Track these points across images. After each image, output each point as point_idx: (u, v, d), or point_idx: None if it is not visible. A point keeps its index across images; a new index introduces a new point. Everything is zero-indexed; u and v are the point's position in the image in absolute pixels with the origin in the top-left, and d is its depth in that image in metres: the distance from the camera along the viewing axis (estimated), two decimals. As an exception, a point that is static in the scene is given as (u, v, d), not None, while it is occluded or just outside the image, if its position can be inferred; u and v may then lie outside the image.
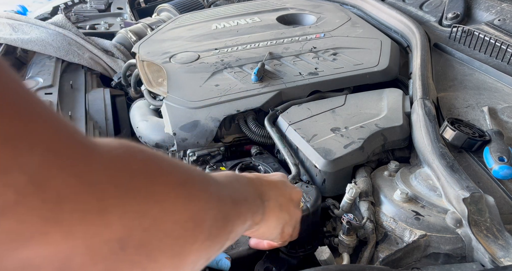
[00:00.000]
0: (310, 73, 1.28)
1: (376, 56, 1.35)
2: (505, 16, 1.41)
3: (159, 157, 0.34)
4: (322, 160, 0.95)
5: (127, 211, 0.27)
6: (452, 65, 1.33)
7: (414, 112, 1.08)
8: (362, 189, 0.90)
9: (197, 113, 1.15)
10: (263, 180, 0.59)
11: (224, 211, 0.39)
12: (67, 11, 2.19)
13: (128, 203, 0.27)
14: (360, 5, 1.78)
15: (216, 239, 0.37)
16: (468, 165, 0.94)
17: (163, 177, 0.32)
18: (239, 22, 1.67)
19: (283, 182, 0.65)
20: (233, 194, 0.44)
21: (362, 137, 1.00)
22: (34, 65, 1.70)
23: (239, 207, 0.45)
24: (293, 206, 0.65)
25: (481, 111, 1.09)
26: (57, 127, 0.25)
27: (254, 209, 0.51)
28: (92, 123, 1.45)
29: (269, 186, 0.59)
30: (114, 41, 1.86)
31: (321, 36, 1.51)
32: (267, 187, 0.58)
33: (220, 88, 1.23)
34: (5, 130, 0.21)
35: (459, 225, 0.79)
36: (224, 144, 1.19)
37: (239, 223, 0.44)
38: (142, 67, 1.40)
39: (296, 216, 0.67)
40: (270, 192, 0.58)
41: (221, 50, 1.44)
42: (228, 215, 0.40)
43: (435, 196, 0.87)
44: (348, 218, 0.82)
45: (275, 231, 0.62)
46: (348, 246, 0.83)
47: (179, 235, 0.32)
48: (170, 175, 0.33)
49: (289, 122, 1.08)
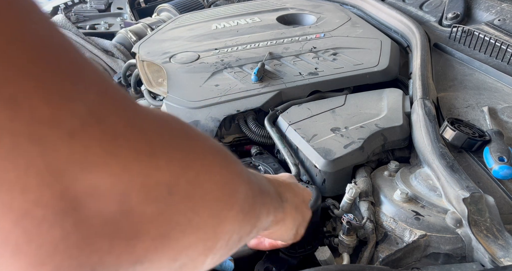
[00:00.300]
0: (310, 73, 1.28)
1: (376, 56, 1.35)
2: (505, 16, 1.41)
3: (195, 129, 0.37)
4: (322, 160, 0.95)
5: (173, 159, 0.30)
6: (452, 65, 1.33)
7: (414, 112, 1.08)
8: (362, 189, 0.91)
9: (197, 113, 1.15)
10: (280, 181, 0.60)
11: (253, 192, 0.41)
12: (67, 11, 2.19)
13: (173, 152, 0.30)
14: (360, 5, 1.78)
15: (247, 216, 0.39)
16: (468, 165, 0.94)
17: (200, 141, 0.35)
18: (239, 22, 1.67)
19: (295, 183, 0.66)
20: (259, 183, 0.45)
21: (362, 137, 1.00)
22: (34, 65, 1.70)
23: (265, 197, 0.46)
24: (306, 207, 0.66)
25: (481, 111, 1.09)
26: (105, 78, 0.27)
27: (276, 205, 0.52)
28: (92, 123, 1.45)
29: (285, 187, 0.60)
30: (114, 41, 1.86)
31: (321, 36, 1.51)
32: (284, 187, 0.59)
33: (220, 88, 1.23)
34: (65, 68, 0.24)
35: (459, 225, 0.79)
36: (224, 144, 1.19)
37: (265, 212, 0.46)
38: (142, 67, 1.40)
39: (308, 217, 0.68)
40: (287, 193, 0.59)
41: (221, 50, 1.44)
42: (256, 197, 0.42)
43: (435, 196, 0.87)
44: (348, 218, 0.82)
45: (291, 232, 0.63)
46: (348, 246, 0.83)
47: (217, 197, 0.34)
48: (206, 141, 0.36)
49: (289, 122, 1.08)
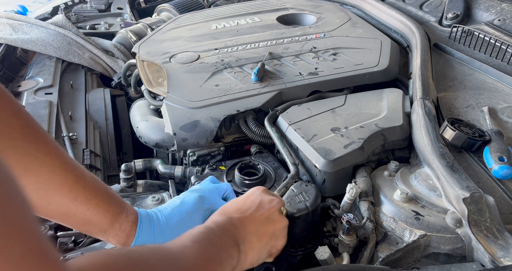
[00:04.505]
0: (310, 73, 1.28)
1: (376, 56, 1.35)
2: (505, 16, 1.41)
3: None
4: (322, 160, 0.95)
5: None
6: (452, 65, 1.33)
7: (414, 112, 1.08)
8: (362, 189, 0.90)
9: (197, 113, 1.15)
10: (236, 221, 0.65)
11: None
12: (67, 11, 2.19)
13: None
14: (360, 5, 1.78)
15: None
16: (468, 165, 0.94)
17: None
18: (239, 22, 1.67)
19: (258, 204, 0.69)
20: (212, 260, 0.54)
21: (362, 137, 1.00)
22: (34, 65, 1.70)
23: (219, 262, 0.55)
24: (275, 219, 0.70)
25: (481, 111, 1.09)
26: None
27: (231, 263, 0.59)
28: (92, 123, 1.45)
29: (244, 223, 0.65)
30: (114, 41, 1.86)
31: (321, 36, 1.51)
32: (241, 226, 0.64)
33: (220, 88, 1.23)
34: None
35: (459, 225, 0.79)
36: (224, 144, 1.19)
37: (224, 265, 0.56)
38: (142, 67, 1.40)
39: (281, 225, 0.70)
40: (245, 229, 0.64)
41: (221, 50, 1.44)
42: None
43: (435, 196, 0.87)
44: (348, 218, 0.82)
45: (261, 256, 0.68)
46: (348, 246, 0.83)
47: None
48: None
49: (289, 122, 1.08)
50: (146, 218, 0.75)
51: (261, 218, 0.68)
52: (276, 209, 0.72)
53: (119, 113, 1.66)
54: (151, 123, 1.24)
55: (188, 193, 0.85)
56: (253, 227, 0.65)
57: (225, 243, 0.59)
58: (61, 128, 1.33)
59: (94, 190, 0.66)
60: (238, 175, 0.96)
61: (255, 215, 0.67)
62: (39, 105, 1.40)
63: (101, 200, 0.67)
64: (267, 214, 0.69)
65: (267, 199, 0.72)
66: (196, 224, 0.80)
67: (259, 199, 0.70)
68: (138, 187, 1.15)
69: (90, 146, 1.31)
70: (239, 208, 0.68)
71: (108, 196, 0.70)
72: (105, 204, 0.68)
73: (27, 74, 1.66)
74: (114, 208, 0.69)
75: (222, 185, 0.91)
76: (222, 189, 0.89)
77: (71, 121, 1.41)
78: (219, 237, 0.59)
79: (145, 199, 1.00)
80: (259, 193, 0.73)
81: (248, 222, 0.66)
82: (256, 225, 0.66)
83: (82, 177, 0.65)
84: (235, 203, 0.71)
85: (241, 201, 0.71)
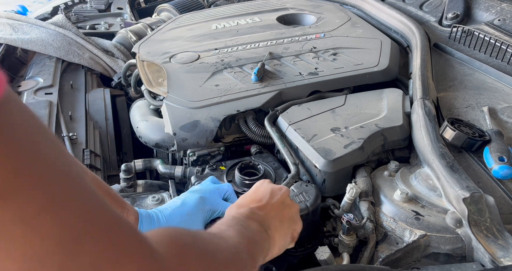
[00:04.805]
0: (310, 73, 1.28)
1: (376, 56, 1.35)
2: (505, 16, 1.41)
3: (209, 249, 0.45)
4: (322, 160, 0.95)
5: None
6: (452, 65, 1.33)
7: (414, 112, 1.08)
8: (362, 189, 0.90)
9: (197, 113, 1.15)
10: (256, 210, 0.65)
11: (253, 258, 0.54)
12: (67, 11, 2.19)
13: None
14: (360, 5, 1.78)
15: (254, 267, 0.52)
16: (468, 165, 0.94)
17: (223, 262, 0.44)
18: (239, 22, 1.67)
19: (271, 192, 0.69)
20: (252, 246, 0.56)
21: (362, 137, 1.00)
22: (34, 65, 1.70)
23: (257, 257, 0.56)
24: (288, 205, 0.69)
25: (481, 111, 1.09)
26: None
27: (265, 246, 0.61)
28: (92, 123, 1.45)
29: (264, 210, 0.65)
30: (114, 41, 1.86)
31: (321, 36, 1.51)
32: (263, 213, 0.65)
33: (220, 88, 1.23)
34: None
35: (459, 225, 0.79)
36: (224, 144, 1.19)
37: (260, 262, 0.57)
38: (142, 67, 1.40)
39: (295, 209, 0.71)
40: (267, 215, 0.65)
41: (221, 50, 1.44)
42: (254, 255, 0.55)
43: (435, 196, 0.87)
44: (348, 218, 0.83)
45: (286, 240, 0.68)
46: (348, 246, 0.83)
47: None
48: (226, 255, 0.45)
49: (289, 122, 1.08)
50: (146, 218, 0.75)
51: (278, 204, 0.69)
52: (287, 195, 0.73)
53: (119, 113, 1.66)
54: (151, 123, 1.24)
55: (189, 194, 0.85)
56: (274, 212, 0.66)
57: (255, 227, 0.60)
58: (61, 128, 1.33)
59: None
60: (238, 175, 0.96)
61: (271, 202, 0.68)
62: (39, 105, 1.40)
63: None
64: (282, 199, 0.70)
65: (277, 187, 0.73)
66: (197, 225, 0.80)
67: (269, 188, 0.71)
68: (138, 187, 1.16)
69: (90, 146, 1.31)
70: (253, 199, 0.68)
71: (109, 195, 0.70)
72: None
73: (27, 74, 1.66)
74: (114, 208, 0.69)
75: (223, 186, 0.91)
76: (223, 190, 0.89)
77: (71, 121, 1.41)
78: (248, 223, 0.59)
79: (145, 199, 1.00)
80: (266, 184, 0.74)
81: (268, 209, 0.66)
82: (275, 210, 0.67)
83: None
84: (246, 196, 0.71)
85: (253, 193, 0.71)
